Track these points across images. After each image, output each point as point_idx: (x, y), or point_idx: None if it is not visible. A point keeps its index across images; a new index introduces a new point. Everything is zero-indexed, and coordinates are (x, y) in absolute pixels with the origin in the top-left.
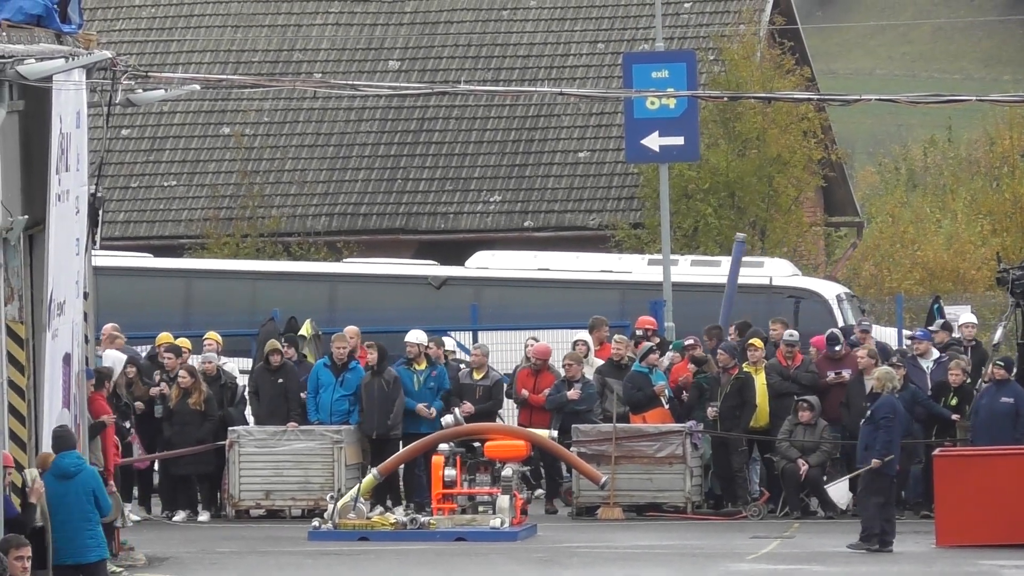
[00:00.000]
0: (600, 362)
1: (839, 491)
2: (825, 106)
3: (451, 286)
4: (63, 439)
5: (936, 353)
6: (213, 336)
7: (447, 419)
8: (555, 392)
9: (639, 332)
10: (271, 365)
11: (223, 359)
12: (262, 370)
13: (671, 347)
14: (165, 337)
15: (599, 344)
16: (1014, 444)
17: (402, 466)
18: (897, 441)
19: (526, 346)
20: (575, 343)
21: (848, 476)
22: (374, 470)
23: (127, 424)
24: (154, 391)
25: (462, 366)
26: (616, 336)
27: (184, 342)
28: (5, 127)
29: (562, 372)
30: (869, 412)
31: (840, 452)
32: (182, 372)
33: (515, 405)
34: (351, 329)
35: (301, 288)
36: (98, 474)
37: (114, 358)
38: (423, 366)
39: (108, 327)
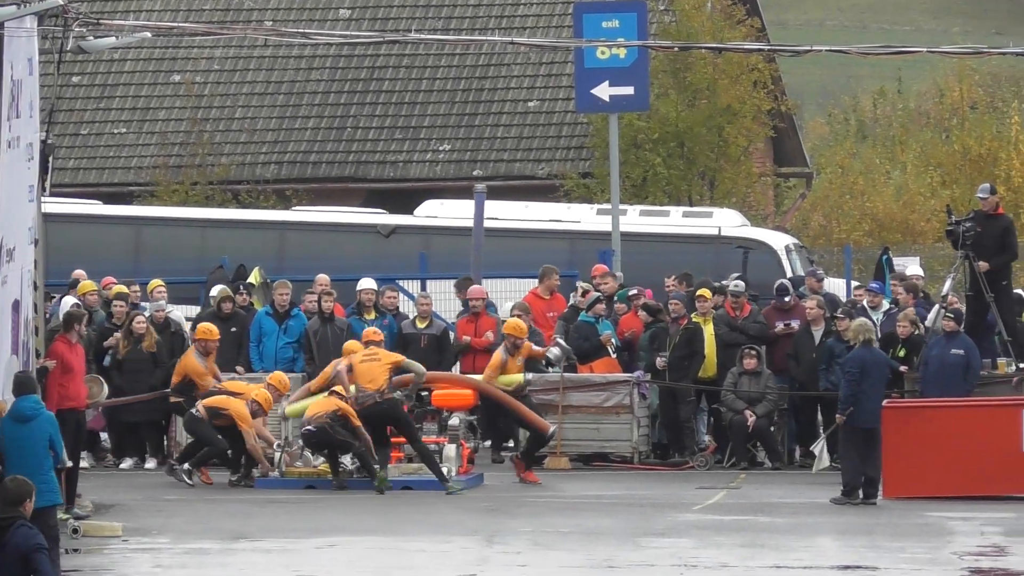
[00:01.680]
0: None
1: (818, 448)
2: (775, 57)
3: (400, 235)
4: (23, 384)
5: (886, 305)
6: (156, 283)
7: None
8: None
9: (594, 280)
10: (222, 313)
11: (170, 307)
12: (212, 318)
13: (617, 297)
14: (88, 285)
15: (549, 293)
16: (964, 396)
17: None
18: (871, 393)
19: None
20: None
21: (824, 435)
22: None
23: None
24: (110, 342)
25: (409, 315)
26: (580, 283)
27: (121, 288)
28: None
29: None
30: (841, 365)
31: (787, 403)
32: (137, 319)
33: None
34: (322, 277)
35: (250, 236)
36: (55, 420)
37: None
38: (372, 315)
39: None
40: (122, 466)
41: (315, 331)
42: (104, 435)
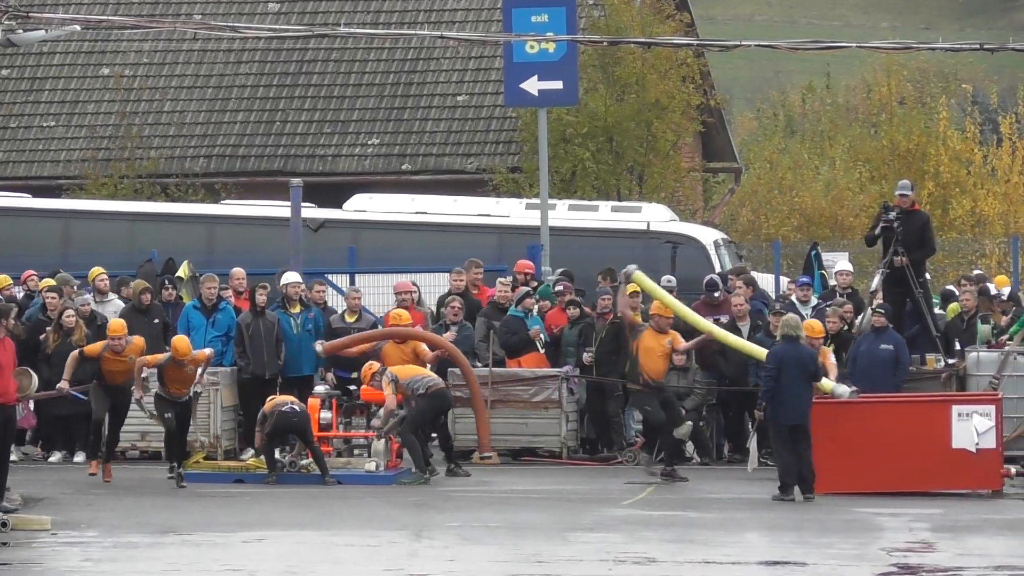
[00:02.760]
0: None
1: (752, 448)
2: (704, 52)
3: (329, 228)
4: None
5: (815, 300)
6: (97, 271)
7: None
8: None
9: (518, 276)
10: (142, 304)
11: (110, 296)
12: (132, 311)
13: (538, 293)
14: (2, 280)
15: (473, 286)
16: (894, 391)
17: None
18: (791, 389)
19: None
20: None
21: (753, 432)
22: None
23: None
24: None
25: (337, 310)
26: (499, 279)
27: (49, 281)
28: None
29: (431, 310)
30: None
31: (716, 398)
32: (66, 313)
33: None
34: (237, 271)
35: (179, 229)
36: None
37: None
38: (297, 309)
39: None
40: (51, 460)
41: (247, 324)
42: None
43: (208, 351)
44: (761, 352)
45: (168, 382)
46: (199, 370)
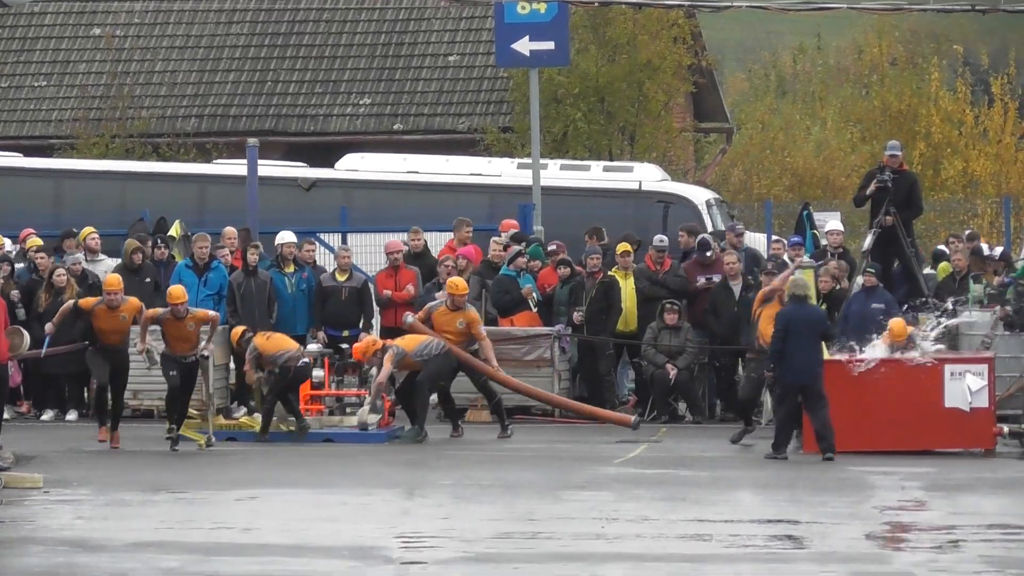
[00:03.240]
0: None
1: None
2: (695, 12)
3: (320, 188)
4: None
5: (807, 259)
6: (88, 231)
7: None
8: (425, 295)
9: (507, 235)
10: (133, 264)
11: (101, 256)
12: (123, 270)
13: (527, 253)
14: None
15: (461, 245)
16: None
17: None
18: (799, 350)
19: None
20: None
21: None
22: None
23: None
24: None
25: (328, 269)
26: (493, 239)
27: (37, 240)
28: None
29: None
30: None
31: (707, 356)
32: (57, 272)
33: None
34: (229, 230)
35: (170, 189)
36: None
37: None
38: (291, 268)
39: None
40: (43, 418)
41: (239, 283)
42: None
43: (214, 313)
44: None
45: (171, 340)
46: (205, 332)
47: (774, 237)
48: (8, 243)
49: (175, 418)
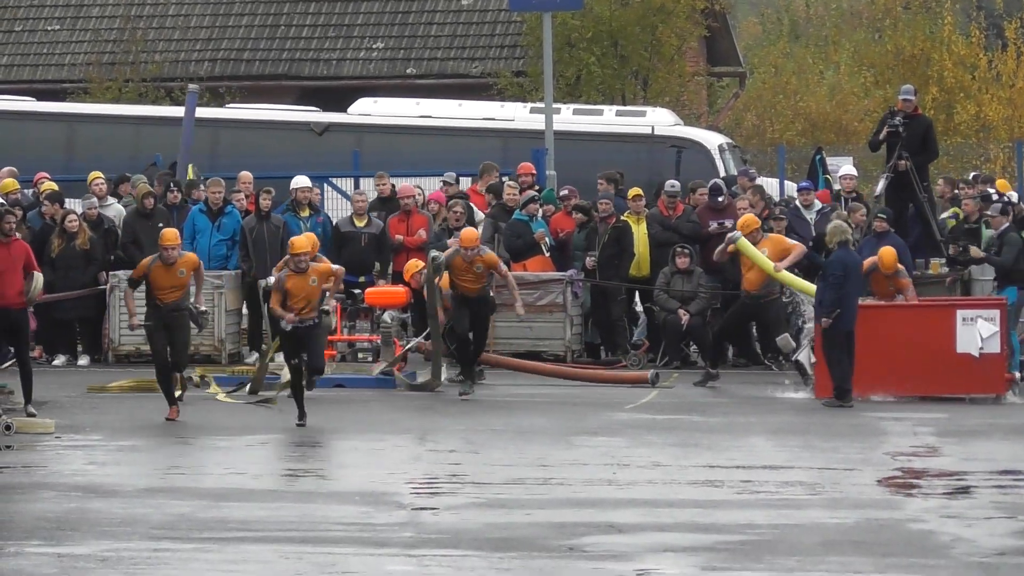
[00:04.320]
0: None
1: (805, 356)
2: None
3: (333, 132)
4: None
5: (819, 204)
6: (95, 175)
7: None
8: (435, 241)
9: (522, 179)
10: (145, 208)
11: (111, 199)
12: (136, 215)
13: (542, 199)
14: (10, 184)
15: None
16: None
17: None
18: (851, 296)
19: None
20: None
21: (808, 340)
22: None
23: None
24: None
25: (337, 215)
26: (508, 182)
27: (51, 186)
28: None
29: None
30: (822, 269)
31: (720, 301)
32: (69, 218)
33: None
34: (245, 175)
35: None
36: None
37: None
38: (306, 213)
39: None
40: (55, 363)
41: (251, 228)
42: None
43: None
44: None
45: (157, 291)
46: (193, 287)
47: (787, 183)
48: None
49: (170, 394)
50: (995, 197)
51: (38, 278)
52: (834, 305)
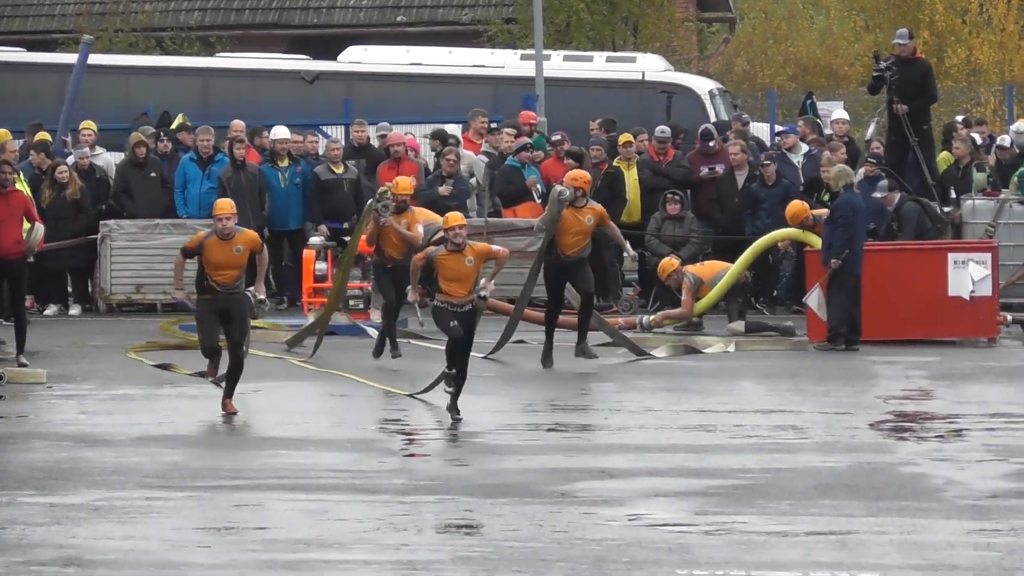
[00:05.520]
0: (472, 155)
1: (815, 300)
2: None
3: (324, 81)
4: None
5: (805, 147)
6: (86, 124)
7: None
8: (427, 188)
9: (523, 127)
10: (137, 158)
11: (99, 149)
12: (128, 165)
13: (532, 144)
14: (2, 135)
15: (479, 136)
16: (884, 240)
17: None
18: (859, 238)
19: (380, 139)
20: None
21: (818, 283)
22: None
23: None
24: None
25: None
26: (506, 129)
27: (44, 136)
28: None
29: (427, 163)
30: (829, 211)
31: (711, 247)
32: (59, 168)
33: None
34: (237, 123)
35: (174, 83)
36: None
37: None
38: (285, 163)
39: None
40: (46, 313)
41: (228, 177)
42: None
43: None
44: (800, 234)
45: (210, 269)
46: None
47: (778, 127)
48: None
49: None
50: (979, 141)
51: (39, 228)
52: (844, 246)
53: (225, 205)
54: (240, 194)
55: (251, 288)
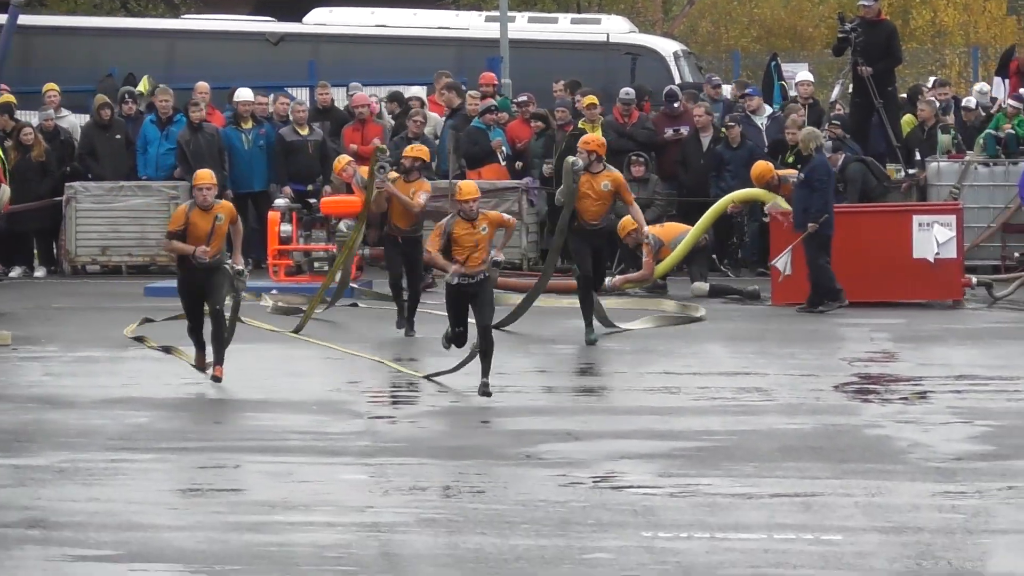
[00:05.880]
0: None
1: (783, 263)
2: None
3: (289, 42)
4: None
5: (769, 109)
6: (49, 87)
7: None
8: (395, 148)
9: (483, 88)
10: (102, 119)
11: (64, 111)
12: (93, 127)
13: (497, 104)
14: None
15: (441, 96)
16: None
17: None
18: (831, 200)
19: (348, 100)
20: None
21: (790, 247)
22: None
23: None
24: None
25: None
26: (470, 92)
27: (9, 98)
28: None
29: (391, 123)
30: (803, 175)
31: (676, 208)
32: (24, 130)
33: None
34: (202, 85)
35: (139, 45)
36: None
37: None
38: (249, 124)
39: None
40: (11, 275)
41: (186, 140)
42: None
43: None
44: (763, 194)
45: (192, 240)
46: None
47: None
48: None
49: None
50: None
51: (4, 190)
52: (821, 210)
53: (205, 175)
54: (200, 155)
55: (229, 260)
